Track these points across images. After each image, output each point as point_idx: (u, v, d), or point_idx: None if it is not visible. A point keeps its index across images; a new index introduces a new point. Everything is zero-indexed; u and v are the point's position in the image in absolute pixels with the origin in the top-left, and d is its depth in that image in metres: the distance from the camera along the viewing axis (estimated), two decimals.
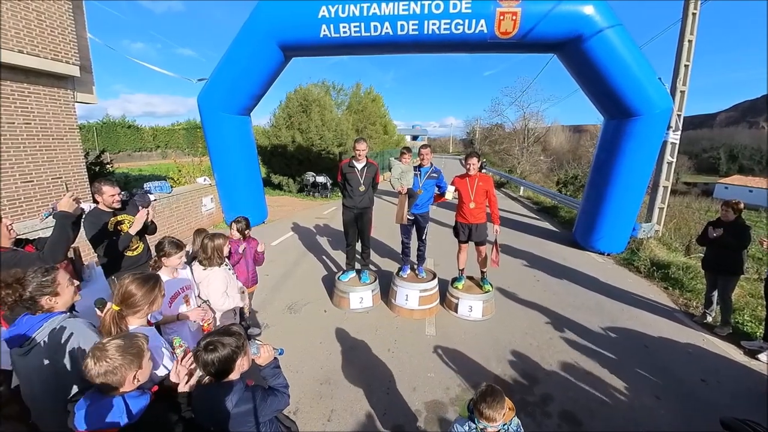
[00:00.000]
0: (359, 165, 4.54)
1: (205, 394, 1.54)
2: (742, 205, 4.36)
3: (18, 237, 2.67)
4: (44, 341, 1.71)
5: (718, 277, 4.47)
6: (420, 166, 4.75)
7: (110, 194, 3.11)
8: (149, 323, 2.02)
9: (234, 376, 1.57)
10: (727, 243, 4.25)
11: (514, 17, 6.21)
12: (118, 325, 1.76)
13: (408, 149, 4.83)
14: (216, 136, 7.91)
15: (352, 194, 4.60)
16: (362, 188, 4.56)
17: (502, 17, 6.23)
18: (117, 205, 3.18)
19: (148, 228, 3.36)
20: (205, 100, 7.64)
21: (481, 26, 6.34)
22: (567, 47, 6.65)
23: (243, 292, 3.37)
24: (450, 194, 4.78)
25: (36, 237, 2.77)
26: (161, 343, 2.01)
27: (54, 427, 1.74)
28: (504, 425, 1.80)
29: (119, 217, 3.23)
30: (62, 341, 1.73)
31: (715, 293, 4.59)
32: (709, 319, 4.70)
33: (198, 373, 1.64)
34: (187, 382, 1.65)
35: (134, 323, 1.87)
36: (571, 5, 6.15)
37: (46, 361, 1.71)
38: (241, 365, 1.59)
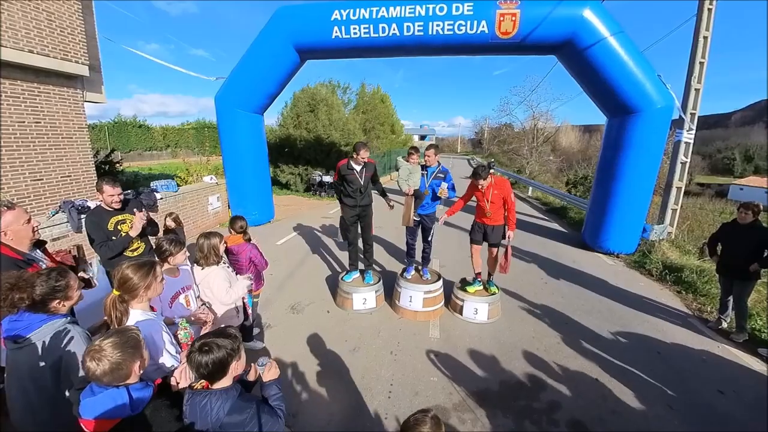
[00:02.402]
0: (358, 167, 4.50)
1: (197, 400, 1.50)
2: (761, 207, 4.19)
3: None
4: (42, 342, 1.70)
5: (733, 282, 4.30)
6: (427, 165, 4.67)
7: (109, 194, 3.11)
8: (152, 309, 2.03)
9: (227, 381, 1.53)
10: (746, 247, 4.05)
11: (513, 18, 6.53)
12: (117, 309, 1.79)
13: (415, 149, 4.76)
14: (231, 133, 8.29)
15: (353, 194, 4.58)
16: (363, 189, 4.59)
17: (502, 18, 6.55)
18: (116, 206, 3.18)
19: (147, 230, 3.35)
20: (222, 98, 8.07)
21: (483, 27, 6.65)
22: (566, 48, 6.80)
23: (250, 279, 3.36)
24: (443, 192, 4.57)
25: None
26: (161, 329, 2.01)
27: (33, 427, 1.73)
28: None
29: (120, 216, 3.22)
30: (61, 346, 1.73)
31: (730, 298, 4.42)
32: (724, 325, 4.54)
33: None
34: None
35: (136, 308, 1.90)
36: (568, 8, 6.38)
37: (41, 362, 1.70)
38: (235, 369, 1.55)
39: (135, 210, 3.22)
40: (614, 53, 6.41)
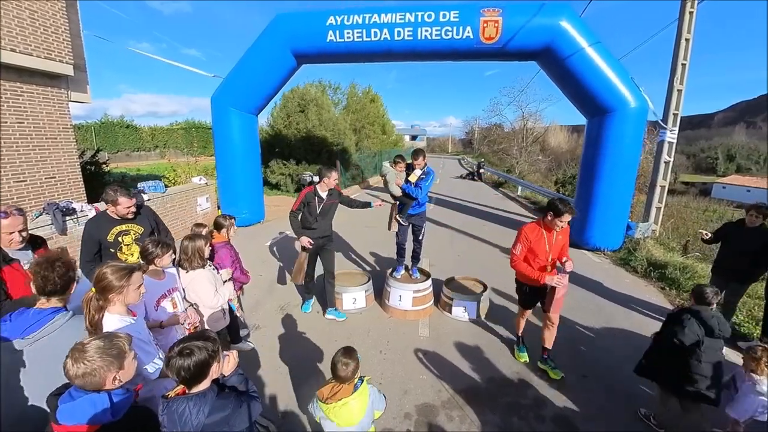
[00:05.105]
0: (323, 193, 4.20)
1: (173, 407, 1.46)
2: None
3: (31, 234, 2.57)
4: (52, 335, 1.69)
5: (729, 283, 4.24)
6: (411, 167, 4.65)
7: (126, 206, 2.97)
8: (132, 314, 1.98)
9: (205, 384, 1.52)
10: (752, 249, 3.99)
11: (496, 24, 7.02)
12: (91, 307, 1.80)
13: (401, 157, 4.76)
14: (225, 132, 8.47)
15: (310, 224, 4.22)
16: (319, 218, 4.24)
17: (485, 24, 7.04)
18: (131, 216, 3.04)
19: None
20: (218, 99, 8.32)
21: (468, 32, 7.11)
22: (545, 55, 7.30)
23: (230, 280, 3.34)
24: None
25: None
26: (146, 337, 1.99)
27: (34, 427, 1.67)
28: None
29: (125, 227, 3.04)
30: (69, 337, 1.68)
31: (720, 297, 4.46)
32: None
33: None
34: None
35: (113, 312, 1.87)
36: (546, 17, 6.87)
37: (60, 354, 1.67)
38: (215, 371, 1.55)
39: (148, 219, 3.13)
40: (590, 61, 6.89)
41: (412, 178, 4.54)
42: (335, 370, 2.07)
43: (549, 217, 3.19)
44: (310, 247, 4.23)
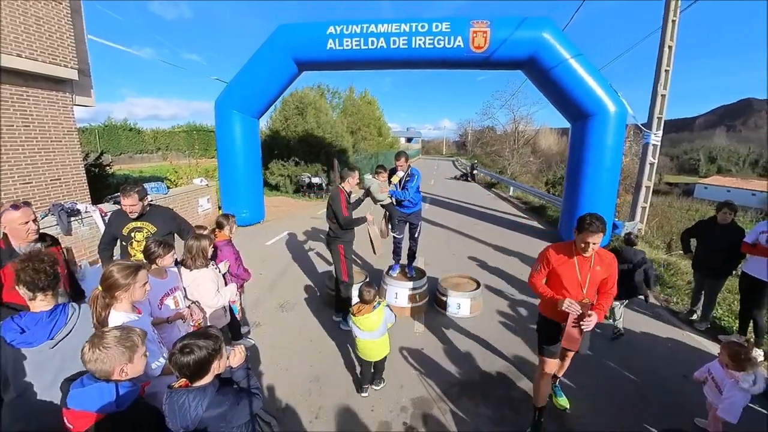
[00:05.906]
0: (349, 191, 4.27)
1: (174, 398, 1.51)
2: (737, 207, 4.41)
3: (41, 232, 2.64)
4: (74, 329, 1.78)
5: (706, 279, 4.46)
6: (395, 170, 4.78)
7: (123, 204, 3.13)
8: (137, 311, 2.03)
9: (207, 379, 1.57)
10: (724, 246, 4.18)
11: (485, 35, 7.58)
12: (98, 305, 1.85)
13: (383, 167, 4.91)
14: (228, 135, 8.78)
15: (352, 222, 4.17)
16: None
17: (475, 35, 7.59)
18: (133, 216, 3.17)
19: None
20: (222, 103, 8.71)
21: (458, 42, 7.64)
22: (530, 65, 7.87)
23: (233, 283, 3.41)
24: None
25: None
26: (149, 335, 2.04)
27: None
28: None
29: (139, 224, 3.21)
30: (86, 328, 1.80)
31: (703, 292, 4.62)
32: (695, 316, 4.76)
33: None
34: None
35: (119, 310, 1.91)
36: (530, 30, 7.45)
37: (76, 348, 1.63)
38: (217, 368, 1.60)
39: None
40: (571, 70, 7.43)
41: (395, 179, 4.68)
42: (362, 295, 3.06)
43: (575, 234, 2.55)
44: (372, 217, 4.39)
